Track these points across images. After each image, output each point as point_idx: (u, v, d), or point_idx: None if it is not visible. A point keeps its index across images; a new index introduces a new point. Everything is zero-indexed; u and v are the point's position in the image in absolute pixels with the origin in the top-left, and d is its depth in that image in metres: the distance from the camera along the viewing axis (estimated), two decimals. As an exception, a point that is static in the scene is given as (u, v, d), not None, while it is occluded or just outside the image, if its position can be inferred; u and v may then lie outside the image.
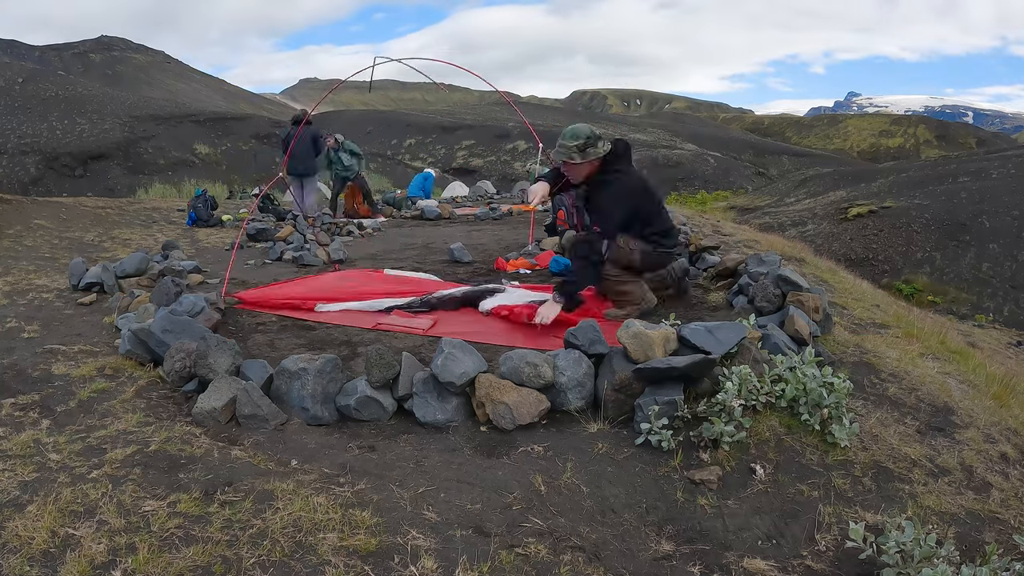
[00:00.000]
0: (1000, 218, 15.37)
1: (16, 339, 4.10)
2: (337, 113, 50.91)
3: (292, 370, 3.16)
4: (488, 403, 3.00)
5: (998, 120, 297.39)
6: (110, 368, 3.58)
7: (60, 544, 2.07)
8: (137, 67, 76.14)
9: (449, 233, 8.98)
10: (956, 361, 4.33)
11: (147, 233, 8.99)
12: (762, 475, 2.63)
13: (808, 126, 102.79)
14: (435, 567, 2.06)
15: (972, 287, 14.01)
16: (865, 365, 3.64)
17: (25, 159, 27.20)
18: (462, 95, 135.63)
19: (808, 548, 2.27)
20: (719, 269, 5.56)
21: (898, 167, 23.28)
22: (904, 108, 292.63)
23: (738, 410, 2.73)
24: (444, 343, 3.16)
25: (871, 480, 2.62)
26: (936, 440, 2.98)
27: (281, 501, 2.34)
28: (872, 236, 15.74)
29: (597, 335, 3.26)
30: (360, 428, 3.06)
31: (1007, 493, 2.64)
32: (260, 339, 4.09)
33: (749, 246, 6.84)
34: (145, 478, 2.48)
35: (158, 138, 31.49)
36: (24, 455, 2.62)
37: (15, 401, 3.14)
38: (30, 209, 9.06)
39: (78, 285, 5.37)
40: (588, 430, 2.95)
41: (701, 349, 3.01)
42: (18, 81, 33.02)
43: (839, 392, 2.84)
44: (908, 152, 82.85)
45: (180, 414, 3.11)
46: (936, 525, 2.38)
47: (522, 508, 2.41)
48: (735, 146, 55.23)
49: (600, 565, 2.14)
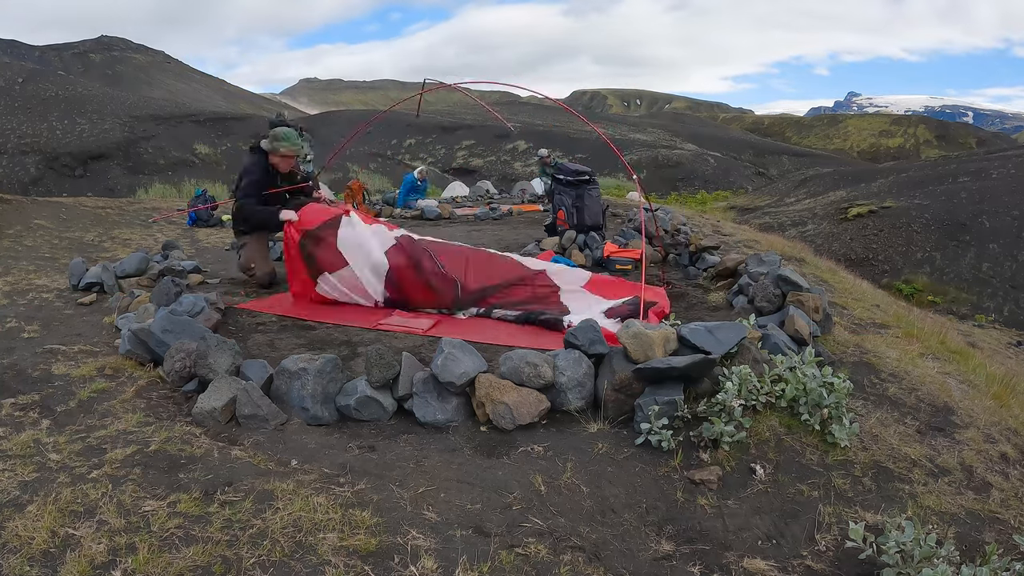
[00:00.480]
0: (1000, 218, 15.37)
1: (16, 339, 4.10)
2: (337, 113, 50.91)
3: (292, 370, 3.16)
4: (488, 403, 3.00)
5: (998, 120, 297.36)
6: (110, 368, 3.58)
7: (60, 544, 2.07)
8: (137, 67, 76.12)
9: (449, 233, 8.98)
10: (956, 361, 4.33)
11: (147, 233, 8.99)
12: (762, 475, 2.63)
13: (808, 126, 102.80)
14: (435, 567, 2.06)
15: (972, 287, 14.01)
16: (865, 365, 3.64)
17: (25, 159, 27.19)
18: (461, 95, 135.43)
19: (808, 548, 2.27)
20: (719, 269, 5.57)
21: (898, 167, 23.28)
22: (904, 108, 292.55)
23: (738, 410, 2.73)
24: (444, 343, 3.16)
25: (871, 480, 2.63)
26: (936, 440, 2.98)
27: (281, 501, 2.34)
28: (872, 236, 15.74)
29: (597, 335, 3.26)
30: (360, 428, 3.06)
31: (1007, 493, 2.64)
32: (260, 339, 4.09)
33: (749, 246, 6.84)
34: (145, 478, 2.48)
35: (158, 138, 31.47)
36: (24, 455, 2.62)
37: (15, 401, 3.14)
38: (30, 209, 9.06)
39: (78, 285, 5.37)
40: (588, 430, 2.95)
41: (701, 349, 3.01)
42: (18, 81, 33.01)
43: (839, 392, 2.85)
44: (908, 152, 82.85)
45: (180, 414, 3.10)
46: (936, 525, 2.38)
47: (522, 508, 2.41)
48: (735, 146, 55.21)
49: (600, 565, 2.14)
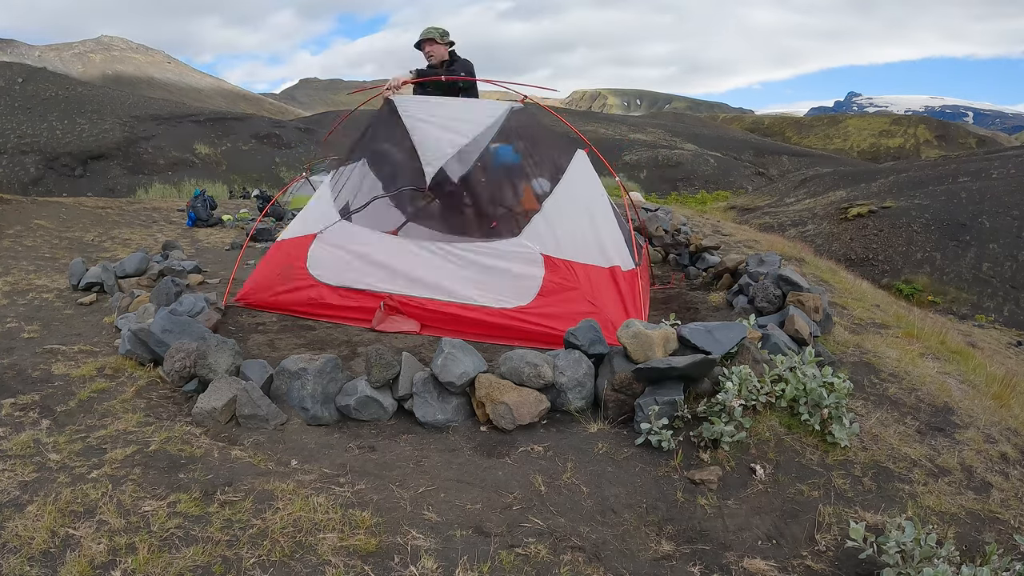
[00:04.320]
0: (1000, 218, 15.35)
1: (16, 339, 4.09)
2: (337, 113, 50.89)
3: (292, 370, 3.16)
4: (488, 403, 3.00)
5: (998, 120, 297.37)
6: (110, 368, 3.57)
7: (60, 544, 2.07)
8: (137, 67, 76.06)
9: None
10: (956, 361, 4.33)
11: (147, 233, 8.99)
12: (762, 475, 2.62)
13: (808, 126, 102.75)
14: (435, 567, 2.06)
15: (972, 287, 14.00)
16: (865, 365, 3.64)
17: (25, 159, 27.16)
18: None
19: (808, 548, 2.27)
20: (719, 269, 5.57)
21: (898, 167, 23.27)
22: (904, 108, 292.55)
23: (738, 410, 2.73)
24: (444, 343, 3.16)
25: (871, 480, 2.62)
26: (936, 440, 2.98)
27: (281, 501, 2.34)
28: (872, 236, 15.74)
29: (597, 335, 3.27)
30: (360, 428, 3.05)
31: (1007, 493, 2.64)
32: (260, 339, 4.09)
33: (749, 246, 6.84)
34: (145, 478, 2.48)
35: (158, 138, 31.45)
36: (24, 455, 2.62)
37: (15, 401, 3.14)
38: (30, 209, 9.06)
39: (78, 285, 5.37)
40: (588, 430, 2.95)
41: (701, 349, 3.01)
42: (18, 81, 32.99)
43: (839, 392, 2.85)
44: (908, 152, 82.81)
45: (180, 414, 3.10)
46: (936, 525, 2.38)
47: (522, 508, 2.41)
48: (735, 146, 55.20)
49: (600, 565, 2.14)
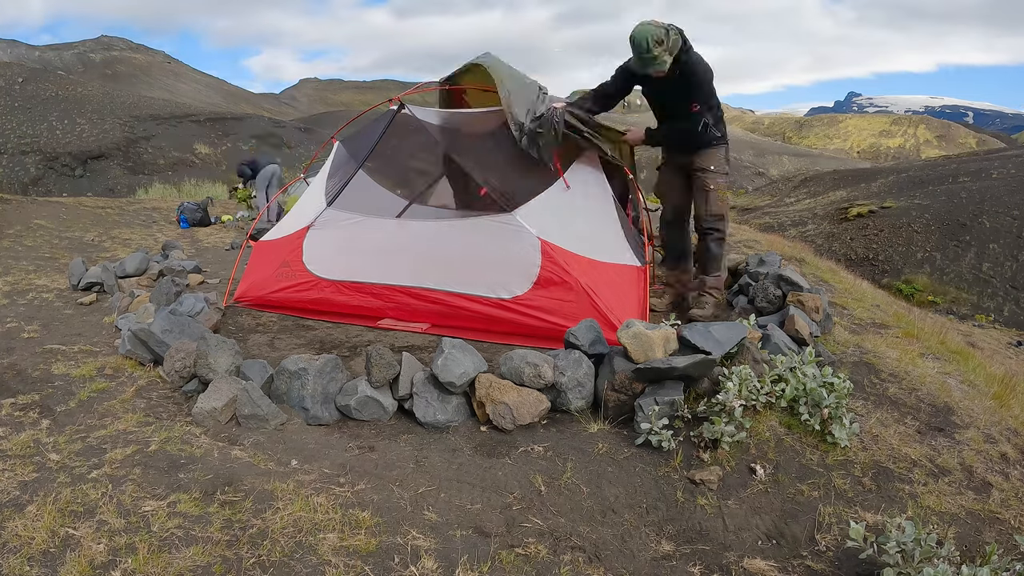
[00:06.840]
0: (1000, 218, 15.35)
1: (16, 339, 4.09)
2: (337, 113, 50.90)
3: (292, 370, 3.16)
4: (488, 403, 3.00)
5: (998, 120, 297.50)
6: (110, 368, 3.58)
7: (60, 544, 2.07)
8: (137, 67, 76.06)
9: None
10: (956, 361, 4.32)
11: (147, 233, 8.99)
12: (762, 475, 2.62)
13: (808, 126, 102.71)
14: (435, 567, 2.06)
15: (972, 287, 13.99)
16: (865, 365, 3.64)
17: (25, 159, 27.14)
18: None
19: (808, 548, 2.27)
20: (719, 269, 5.55)
21: (898, 167, 23.27)
22: (904, 108, 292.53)
23: (738, 410, 2.73)
24: (444, 343, 3.16)
25: (871, 480, 2.62)
26: (936, 440, 2.98)
27: (281, 501, 2.34)
28: (872, 236, 15.73)
29: (597, 335, 3.27)
30: (360, 428, 3.05)
31: (1007, 493, 2.64)
32: (260, 339, 4.09)
33: (749, 246, 6.83)
34: (145, 478, 2.48)
35: (158, 138, 31.42)
36: (24, 455, 2.62)
37: (15, 401, 3.14)
38: (30, 209, 9.06)
39: (78, 285, 5.37)
40: (588, 430, 2.95)
41: (701, 349, 3.01)
42: (18, 81, 32.96)
43: (839, 392, 2.84)
44: (908, 152, 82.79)
45: (180, 414, 3.10)
46: (936, 525, 2.38)
47: (522, 508, 2.41)
48: (735, 146, 54.83)
49: (600, 565, 2.14)
